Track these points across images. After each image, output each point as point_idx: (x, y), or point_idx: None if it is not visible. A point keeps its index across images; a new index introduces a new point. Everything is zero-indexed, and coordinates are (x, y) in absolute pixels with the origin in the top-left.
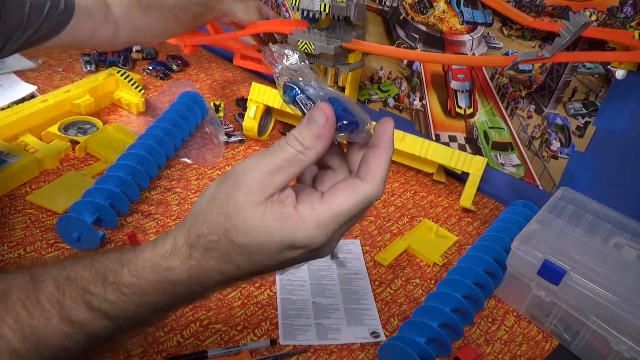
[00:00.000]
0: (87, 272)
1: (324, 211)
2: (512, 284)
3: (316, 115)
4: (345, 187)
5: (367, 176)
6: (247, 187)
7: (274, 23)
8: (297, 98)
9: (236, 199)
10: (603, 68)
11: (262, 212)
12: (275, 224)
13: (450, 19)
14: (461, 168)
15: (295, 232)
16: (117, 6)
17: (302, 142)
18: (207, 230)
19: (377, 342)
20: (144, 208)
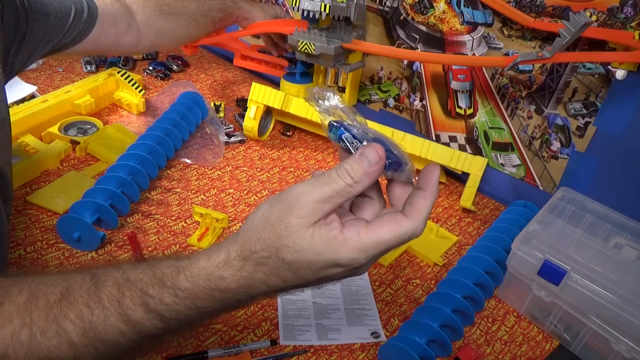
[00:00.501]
0: (145, 276)
1: (367, 237)
2: (512, 284)
3: (369, 153)
4: (390, 221)
5: (412, 214)
6: (299, 212)
7: (274, 23)
8: (343, 136)
9: (288, 222)
10: (603, 68)
11: (311, 234)
12: (323, 245)
13: (450, 19)
14: (461, 168)
15: (340, 252)
16: (139, 13)
17: (352, 176)
18: (259, 247)
19: (377, 342)
20: (144, 208)
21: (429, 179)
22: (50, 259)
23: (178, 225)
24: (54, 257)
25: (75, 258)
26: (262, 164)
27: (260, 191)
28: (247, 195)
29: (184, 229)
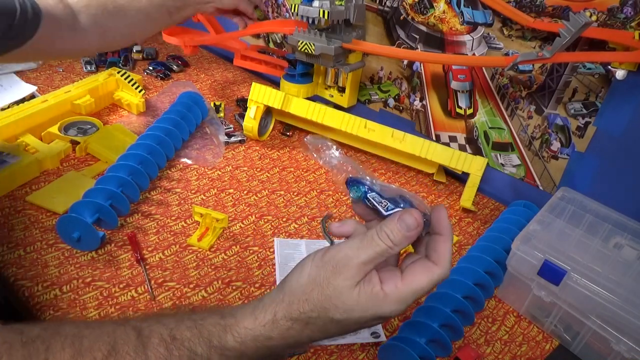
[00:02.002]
0: (192, 334)
1: (405, 289)
2: (512, 284)
3: (408, 219)
4: (423, 270)
5: (439, 261)
6: (346, 274)
7: (274, 23)
8: (369, 196)
9: (336, 283)
10: (603, 68)
11: (357, 293)
12: (368, 302)
13: (450, 19)
14: (461, 168)
15: (382, 307)
16: (83, 13)
17: (392, 239)
18: (308, 308)
19: (377, 342)
20: (144, 208)
21: (442, 223)
22: (50, 259)
23: (178, 225)
24: (54, 257)
25: (75, 258)
26: (262, 164)
27: (260, 191)
28: (247, 195)
29: (184, 229)
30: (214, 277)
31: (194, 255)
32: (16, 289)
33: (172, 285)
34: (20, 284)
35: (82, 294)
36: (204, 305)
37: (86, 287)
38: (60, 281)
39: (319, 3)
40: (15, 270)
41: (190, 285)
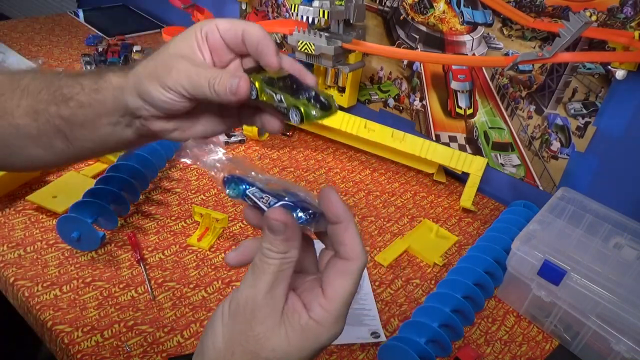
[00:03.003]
0: None
1: (333, 306)
2: (512, 284)
3: (274, 226)
4: (339, 275)
5: (350, 254)
6: (260, 318)
7: (274, 23)
8: (248, 192)
9: (255, 333)
10: (603, 68)
11: (285, 333)
12: (302, 340)
13: (450, 19)
14: (461, 168)
15: (321, 337)
16: None
17: (277, 250)
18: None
19: (377, 342)
20: (144, 208)
21: (334, 210)
22: (50, 259)
23: (178, 225)
24: (54, 257)
25: (75, 258)
26: (262, 164)
27: None
28: None
29: (184, 229)
30: (214, 277)
31: (194, 255)
32: (16, 289)
33: (172, 285)
34: (20, 284)
35: (82, 294)
36: None
37: (86, 287)
38: (60, 281)
39: (319, 3)
40: (15, 270)
41: (190, 285)
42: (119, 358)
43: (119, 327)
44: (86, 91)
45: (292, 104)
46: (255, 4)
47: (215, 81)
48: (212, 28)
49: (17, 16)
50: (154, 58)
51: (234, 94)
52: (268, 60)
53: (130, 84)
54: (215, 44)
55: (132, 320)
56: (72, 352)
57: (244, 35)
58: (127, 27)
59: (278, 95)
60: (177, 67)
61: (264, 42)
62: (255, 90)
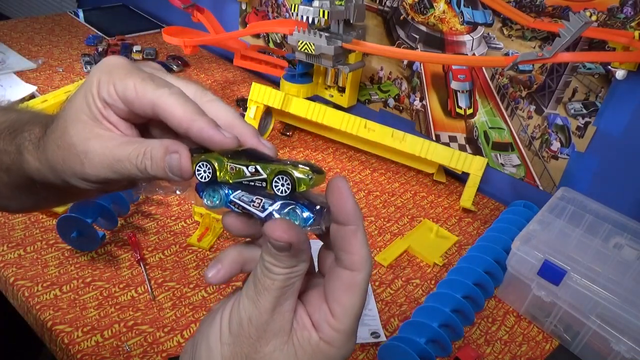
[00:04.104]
0: None
1: (343, 326)
2: (512, 284)
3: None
4: (346, 290)
5: (355, 264)
6: (264, 337)
7: (274, 23)
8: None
9: (261, 355)
10: (603, 68)
11: (294, 353)
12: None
13: (450, 19)
14: (461, 168)
15: (331, 357)
16: None
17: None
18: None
19: (377, 342)
20: (144, 208)
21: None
22: (50, 259)
23: (178, 225)
24: (54, 257)
25: (75, 258)
26: None
27: None
28: None
29: (184, 229)
30: None
31: (194, 255)
32: (16, 289)
33: (172, 285)
34: (20, 284)
35: (82, 294)
36: None
37: (86, 287)
38: (60, 281)
39: (319, 3)
40: (15, 270)
41: (190, 285)
42: (119, 358)
43: (119, 327)
44: (16, 165)
45: (277, 171)
46: (255, 4)
47: (146, 163)
48: (110, 93)
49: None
50: (57, 144)
51: (179, 176)
52: (212, 143)
53: (48, 172)
54: (123, 113)
55: (132, 320)
56: (72, 352)
57: (157, 114)
58: (127, 27)
59: (251, 167)
60: (89, 156)
61: (192, 125)
62: (210, 170)
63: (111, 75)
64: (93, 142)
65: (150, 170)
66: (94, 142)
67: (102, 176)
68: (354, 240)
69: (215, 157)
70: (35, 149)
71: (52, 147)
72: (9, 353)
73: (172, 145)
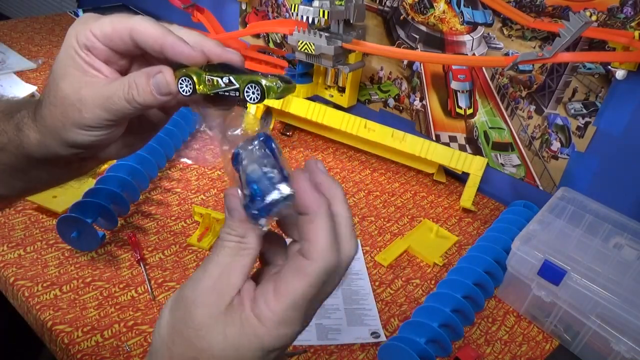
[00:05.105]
0: None
1: (281, 307)
2: (512, 284)
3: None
4: (293, 273)
5: (310, 253)
6: (201, 304)
7: (274, 23)
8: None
9: (196, 322)
10: (603, 68)
11: (223, 326)
12: (240, 337)
13: (450, 19)
14: (461, 168)
15: (262, 339)
16: None
17: (234, 233)
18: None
19: (377, 342)
20: (144, 208)
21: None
22: (50, 259)
23: (178, 225)
24: (54, 257)
25: (75, 258)
26: None
27: None
28: None
29: (184, 229)
30: None
31: (194, 255)
32: (16, 289)
33: (172, 285)
34: (20, 284)
35: (82, 294)
36: None
37: (86, 287)
38: (60, 281)
39: (319, 3)
40: (15, 270)
41: None
42: (119, 358)
43: (119, 327)
44: (13, 143)
45: (248, 80)
46: (255, 4)
47: (132, 92)
48: (90, 38)
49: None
50: (53, 103)
51: (166, 93)
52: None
53: (50, 139)
54: (105, 55)
55: (132, 320)
56: (72, 352)
57: (133, 38)
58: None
59: (225, 78)
60: (84, 102)
61: (165, 40)
62: (191, 83)
63: (86, 24)
64: (84, 89)
65: (138, 98)
66: (85, 89)
67: (99, 118)
68: (312, 228)
69: (194, 72)
70: (33, 121)
71: (48, 109)
72: (9, 353)
73: (153, 69)
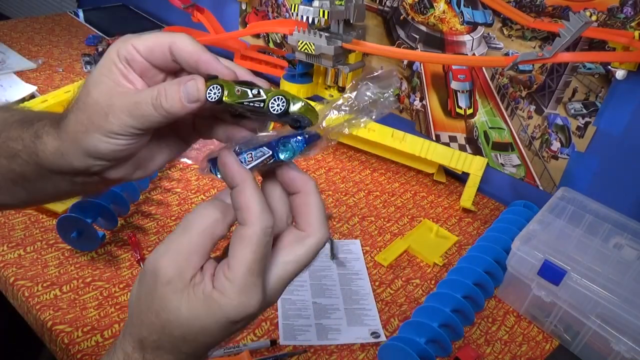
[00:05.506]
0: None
1: (236, 275)
2: (512, 284)
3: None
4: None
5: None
6: (164, 276)
7: (274, 23)
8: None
9: (159, 293)
10: (603, 68)
11: (187, 299)
12: (203, 308)
13: (450, 19)
14: (461, 168)
15: (224, 309)
16: None
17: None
18: (146, 332)
19: (377, 342)
20: (144, 208)
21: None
22: (50, 259)
23: None
24: (54, 257)
25: (75, 258)
26: None
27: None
28: None
29: None
30: None
31: None
32: (16, 289)
33: None
34: (20, 284)
35: (82, 294)
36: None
37: (86, 287)
38: (60, 281)
39: (319, 3)
40: (15, 270)
41: None
42: None
43: (119, 327)
44: (27, 151)
45: (277, 93)
46: (255, 4)
47: (161, 98)
48: (130, 51)
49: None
50: (80, 108)
51: (194, 100)
52: (217, 72)
53: (69, 146)
54: (142, 68)
55: None
56: (72, 352)
57: (172, 52)
58: (127, 27)
59: (255, 89)
60: (113, 107)
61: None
62: (219, 91)
63: (127, 40)
64: (115, 97)
65: (165, 104)
66: (116, 97)
67: (125, 124)
68: (242, 197)
69: (225, 82)
70: (55, 129)
71: (74, 114)
72: (9, 353)
73: (185, 78)
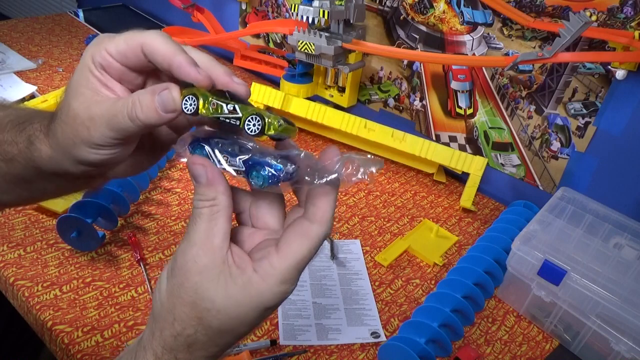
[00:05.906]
0: None
1: (283, 265)
2: (512, 284)
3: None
4: (300, 236)
5: (317, 217)
6: (195, 267)
7: (274, 23)
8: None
9: (193, 283)
10: (603, 68)
11: (224, 284)
12: (242, 294)
13: (450, 19)
14: (461, 168)
15: (263, 295)
16: None
17: (204, 198)
18: (180, 327)
19: (377, 342)
20: (144, 208)
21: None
22: (50, 259)
23: (178, 225)
24: (54, 257)
25: (75, 258)
26: None
27: None
28: None
29: (184, 229)
30: None
31: None
32: (16, 289)
33: None
34: (20, 284)
35: (82, 294)
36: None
37: (86, 287)
38: (60, 281)
39: (319, 3)
40: (15, 270)
41: None
42: None
43: (119, 327)
44: (23, 155)
45: (252, 112)
46: (255, 4)
47: (136, 110)
48: (105, 58)
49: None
50: (64, 121)
51: (171, 110)
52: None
53: (61, 156)
54: (119, 74)
55: (132, 320)
56: (72, 352)
57: (145, 54)
58: (127, 27)
59: (230, 105)
60: (93, 120)
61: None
62: (195, 103)
63: (101, 43)
64: (94, 108)
65: (140, 115)
66: (94, 107)
67: (106, 137)
68: (324, 198)
69: (202, 93)
70: (45, 136)
71: (60, 126)
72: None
73: (159, 86)
